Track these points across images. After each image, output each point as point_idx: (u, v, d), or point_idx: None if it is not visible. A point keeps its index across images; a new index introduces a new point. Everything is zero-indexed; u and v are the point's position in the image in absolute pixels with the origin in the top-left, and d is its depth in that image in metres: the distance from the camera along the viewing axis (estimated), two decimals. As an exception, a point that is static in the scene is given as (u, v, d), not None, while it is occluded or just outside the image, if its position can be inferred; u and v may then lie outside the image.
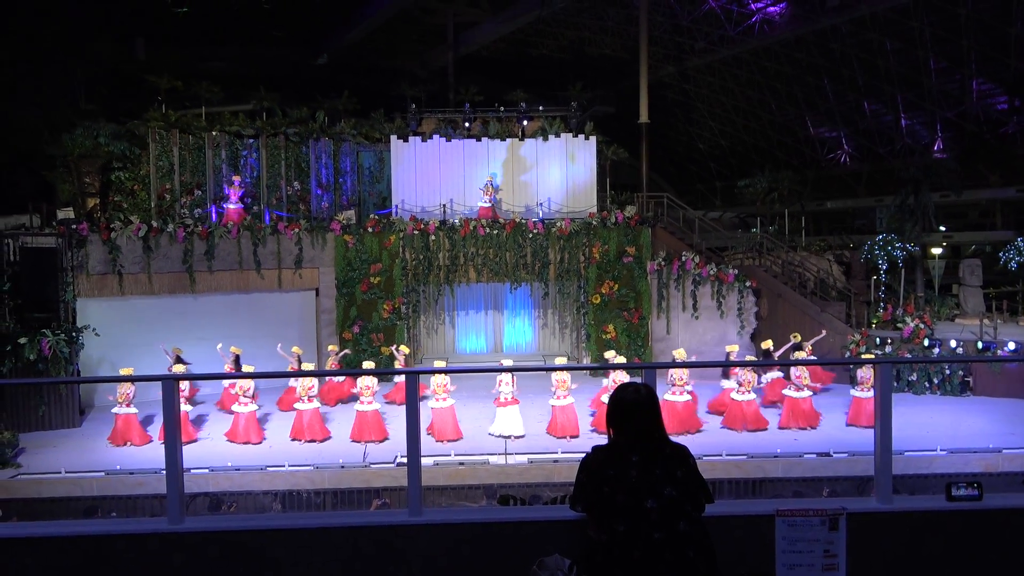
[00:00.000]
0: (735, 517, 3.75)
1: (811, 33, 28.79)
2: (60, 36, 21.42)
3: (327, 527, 3.78)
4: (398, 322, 19.23)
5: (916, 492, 11.25)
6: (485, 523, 3.81)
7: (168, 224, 17.99)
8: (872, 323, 18.70)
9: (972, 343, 16.84)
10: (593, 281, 19.55)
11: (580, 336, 20.10)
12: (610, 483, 3.13)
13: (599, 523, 3.16)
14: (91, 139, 18.51)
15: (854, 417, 14.66)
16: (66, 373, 15.24)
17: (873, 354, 17.18)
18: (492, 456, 13.09)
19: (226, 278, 18.32)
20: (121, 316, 17.26)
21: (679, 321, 19.47)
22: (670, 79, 35.16)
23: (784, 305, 19.03)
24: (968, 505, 3.79)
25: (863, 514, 3.73)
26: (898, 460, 11.80)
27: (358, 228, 19.23)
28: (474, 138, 20.76)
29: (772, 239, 21.74)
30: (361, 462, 12.88)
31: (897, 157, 31.18)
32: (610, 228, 19.57)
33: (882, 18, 26.68)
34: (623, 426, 3.23)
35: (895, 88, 29.37)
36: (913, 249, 21.02)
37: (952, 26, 25.64)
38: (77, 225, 17.02)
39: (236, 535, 3.74)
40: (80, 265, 16.99)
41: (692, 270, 19.18)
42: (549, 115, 21.19)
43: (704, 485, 3.24)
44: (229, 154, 19.96)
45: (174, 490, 3.78)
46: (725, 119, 37.24)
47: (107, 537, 3.72)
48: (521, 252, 19.53)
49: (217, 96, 20.88)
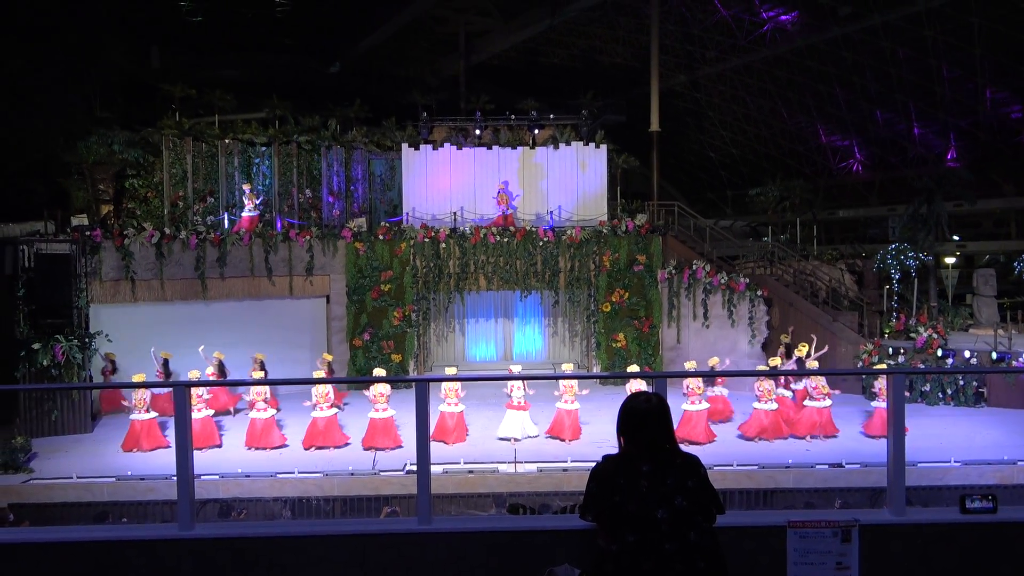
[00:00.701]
0: (746, 528, 3.72)
1: (823, 42, 28.75)
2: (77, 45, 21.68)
3: (337, 534, 3.79)
4: (408, 329, 19.27)
5: (929, 504, 11.13)
6: (495, 532, 3.80)
7: (181, 231, 18.11)
8: (885, 333, 18.57)
9: (986, 353, 16.69)
10: (603, 289, 19.53)
11: (590, 344, 20.06)
12: (621, 492, 3.12)
13: (609, 533, 3.15)
14: (105, 147, 18.70)
15: (870, 426, 14.56)
16: (79, 379, 15.33)
17: (886, 364, 17.05)
18: (502, 464, 13.06)
19: (238, 285, 18.42)
20: (133, 322, 17.38)
21: (690, 330, 19.41)
22: (681, 88, 35.18)
23: (796, 314, 18.93)
24: (982, 518, 3.75)
25: (876, 526, 3.69)
26: (911, 472, 11.70)
27: (369, 235, 19.31)
28: (485, 146, 20.82)
29: (784, 248, 21.65)
30: (371, 469, 12.88)
31: (910, 166, 31.03)
32: (621, 236, 19.55)
33: (894, 27, 26.60)
34: (634, 435, 3.22)
35: (907, 97, 29.25)
36: (926, 259, 20.87)
37: (965, 35, 25.53)
38: (91, 232, 17.16)
39: (246, 542, 3.75)
40: (93, 271, 17.12)
41: (703, 279, 19.12)
42: (560, 123, 21.24)
43: (715, 495, 3.22)
44: (242, 162, 20.11)
45: (185, 496, 3.79)
46: (736, 128, 37.19)
47: (118, 543, 3.74)
48: (531, 260, 19.54)
49: (230, 104, 21.07)
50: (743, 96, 34.72)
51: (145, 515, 12.08)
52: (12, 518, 11.46)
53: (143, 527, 4.48)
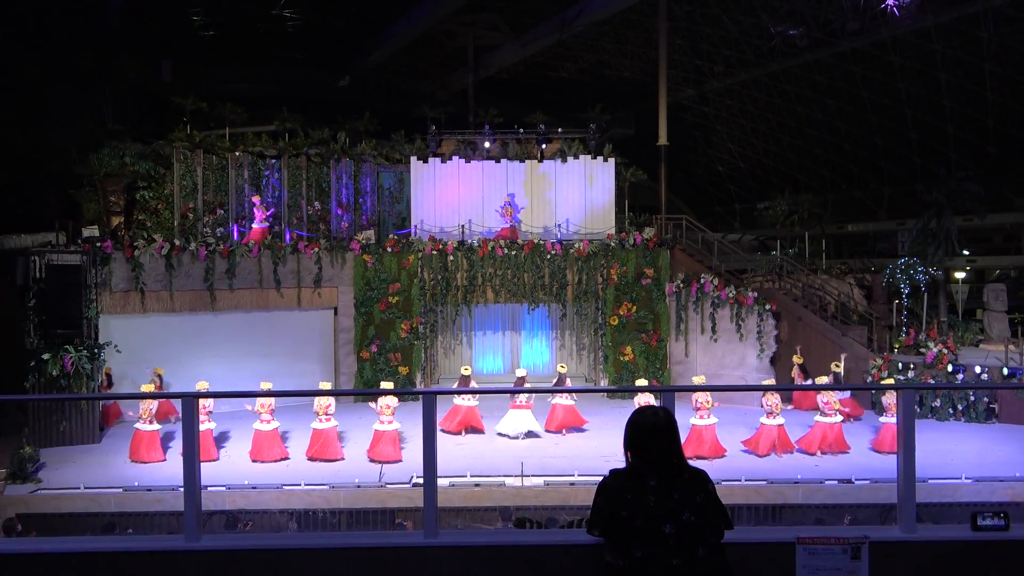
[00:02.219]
0: (755, 544, 3.69)
1: (831, 56, 28.79)
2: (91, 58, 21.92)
3: (343, 547, 3.78)
4: (415, 342, 19.28)
5: (940, 521, 11.02)
6: (501, 546, 3.78)
7: (190, 242, 18.22)
8: (894, 347, 18.46)
9: (997, 369, 16.55)
10: (611, 303, 19.50)
11: (598, 358, 20.02)
12: (628, 507, 3.10)
13: (616, 548, 3.13)
14: (117, 158, 18.85)
15: (879, 442, 14.46)
16: (87, 389, 15.37)
17: (895, 379, 16.94)
18: (508, 478, 13.01)
19: (246, 296, 18.49)
20: (142, 333, 17.44)
21: (698, 344, 19.34)
22: (689, 101, 35.26)
23: (804, 329, 18.85)
24: (994, 535, 3.71)
25: (886, 543, 3.66)
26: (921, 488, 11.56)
27: (377, 248, 19.37)
28: (493, 159, 20.90)
29: (792, 262, 21.59)
30: (377, 482, 12.85)
31: (919, 180, 30.94)
32: (628, 250, 19.55)
33: (902, 41, 26.61)
34: (641, 450, 3.21)
35: (916, 110, 29.22)
36: (936, 273, 20.78)
37: (974, 49, 25.52)
38: (101, 243, 17.27)
39: (253, 554, 3.74)
40: (103, 282, 17.21)
41: (711, 292, 19.08)
42: (568, 137, 21.30)
43: (723, 511, 3.20)
44: (252, 174, 20.23)
45: (192, 508, 3.79)
46: (744, 141, 37.21)
47: (125, 554, 3.74)
48: (539, 273, 19.55)
49: (241, 117, 21.23)
50: (751, 110, 34.75)
51: (152, 526, 12.07)
52: (20, 528, 11.49)
53: (150, 538, 4.49)
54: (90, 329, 16.12)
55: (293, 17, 29.38)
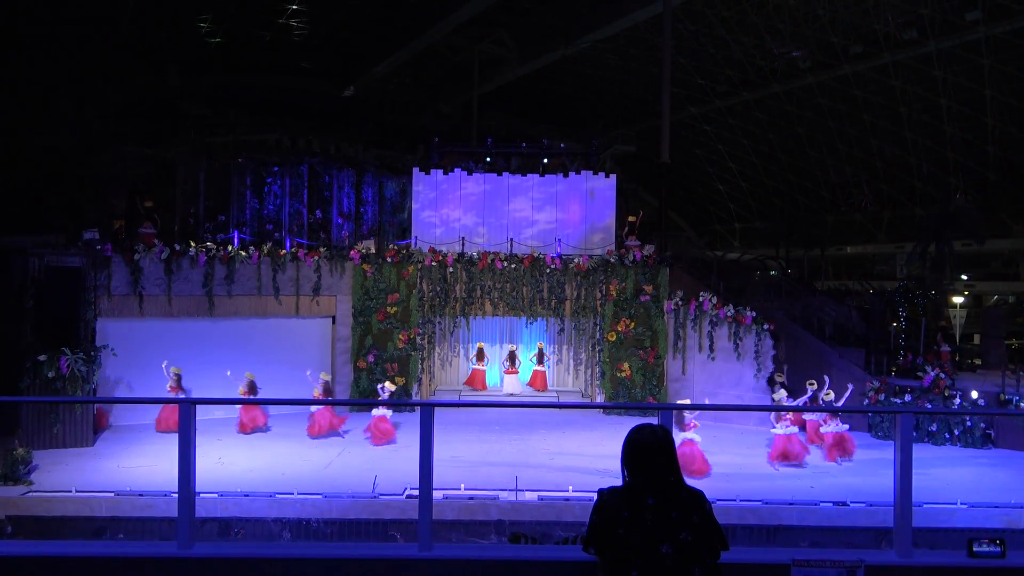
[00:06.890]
0: (750, 565, 3.68)
1: (833, 79, 28.98)
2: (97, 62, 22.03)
3: (337, 558, 3.76)
4: (412, 352, 19.25)
5: (935, 546, 10.97)
6: (496, 561, 3.76)
7: (190, 247, 18.23)
8: (891, 371, 18.45)
9: (994, 394, 16.55)
10: (609, 318, 19.51)
11: (595, 373, 20.00)
12: (625, 526, 3.09)
13: (612, 566, 3.11)
14: (120, 162, 18.90)
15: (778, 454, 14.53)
16: (83, 392, 15.34)
17: (891, 402, 16.94)
18: (502, 492, 12.95)
19: (244, 303, 18.48)
20: (139, 337, 17.41)
21: (695, 362, 19.33)
22: (691, 120, 35.44)
23: (802, 349, 18.85)
24: (990, 562, 3.70)
25: (882, 567, 3.65)
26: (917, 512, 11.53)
27: (377, 258, 19.38)
28: (495, 172, 20.97)
29: (791, 282, 21.62)
30: (371, 493, 12.79)
31: (918, 204, 31.07)
32: (628, 266, 19.58)
33: (904, 66, 26.81)
34: (639, 468, 3.20)
35: (916, 135, 29.39)
36: (934, 297, 20.82)
37: (975, 76, 25.71)
38: (102, 246, 17.28)
39: (246, 562, 3.73)
40: (102, 285, 17.20)
41: (709, 311, 19.09)
42: (570, 152, 21.39)
43: (720, 531, 3.19)
44: (254, 181, 20.29)
45: (185, 514, 3.77)
46: (745, 161, 37.37)
47: (117, 559, 3.72)
48: (538, 287, 19.57)
49: (245, 124, 21.33)
50: (752, 130, 34.94)
51: (143, 532, 11.99)
52: (10, 530, 11.42)
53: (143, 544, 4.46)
54: (87, 332, 16.10)
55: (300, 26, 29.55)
